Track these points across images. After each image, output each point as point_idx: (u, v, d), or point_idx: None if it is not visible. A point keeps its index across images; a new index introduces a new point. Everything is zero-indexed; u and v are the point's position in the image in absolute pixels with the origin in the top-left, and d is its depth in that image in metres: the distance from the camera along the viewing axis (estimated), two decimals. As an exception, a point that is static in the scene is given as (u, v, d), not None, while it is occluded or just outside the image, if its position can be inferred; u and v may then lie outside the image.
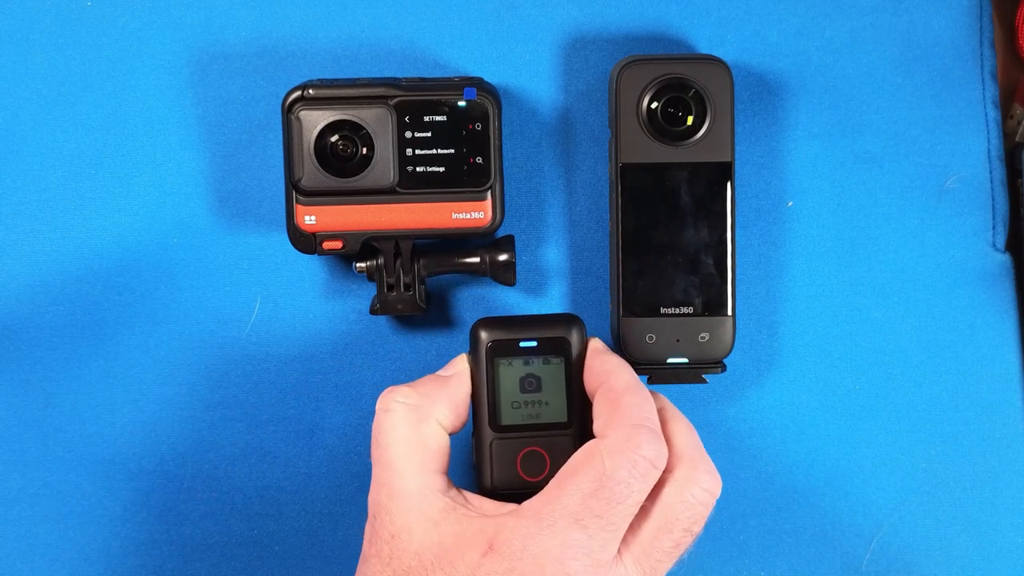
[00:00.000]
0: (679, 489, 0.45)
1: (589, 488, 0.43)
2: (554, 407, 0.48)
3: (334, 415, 0.56)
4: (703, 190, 0.53)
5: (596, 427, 0.46)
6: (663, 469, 0.44)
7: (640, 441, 0.43)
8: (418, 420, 0.46)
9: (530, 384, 0.48)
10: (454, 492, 0.46)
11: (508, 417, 0.48)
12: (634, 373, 0.48)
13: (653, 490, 0.44)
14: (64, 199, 0.55)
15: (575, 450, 0.45)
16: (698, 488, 0.45)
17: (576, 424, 0.48)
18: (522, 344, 0.48)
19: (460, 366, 0.49)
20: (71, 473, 0.56)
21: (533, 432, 0.48)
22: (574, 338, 0.48)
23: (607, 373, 0.47)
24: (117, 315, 0.55)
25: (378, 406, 0.47)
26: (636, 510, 0.44)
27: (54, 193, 0.55)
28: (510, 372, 0.48)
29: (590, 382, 0.48)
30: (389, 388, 0.47)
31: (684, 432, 0.46)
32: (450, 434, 0.48)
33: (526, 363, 0.48)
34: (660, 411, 0.47)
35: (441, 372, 0.49)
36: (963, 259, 0.56)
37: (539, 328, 0.48)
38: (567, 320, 0.49)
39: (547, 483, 0.44)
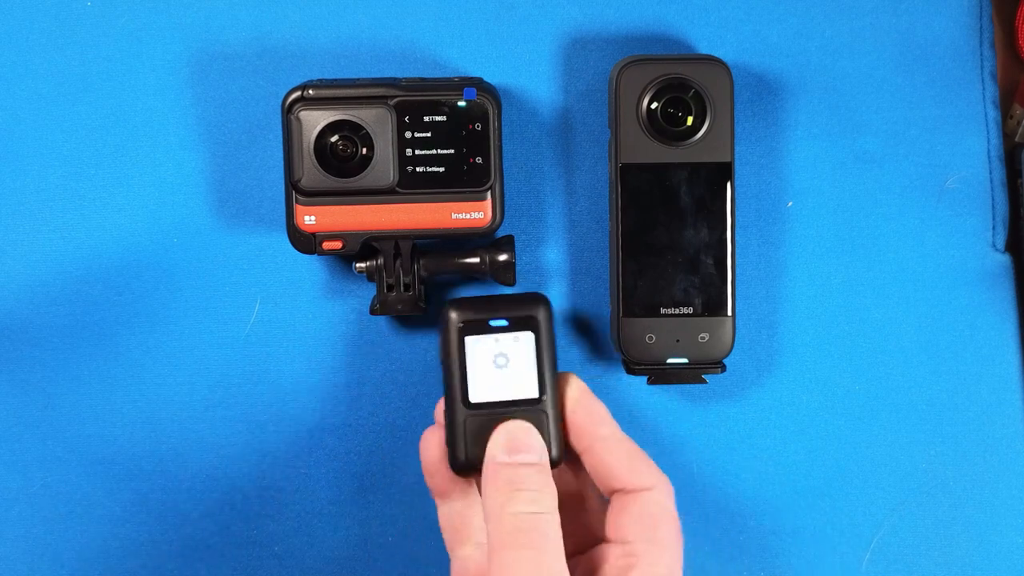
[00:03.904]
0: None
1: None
2: (525, 383, 0.48)
3: (334, 415, 0.56)
4: (703, 190, 0.53)
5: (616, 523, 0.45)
6: None
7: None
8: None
9: (501, 361, 0.49)
10: None
11: (480, 394, 0.48)
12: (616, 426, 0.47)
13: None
14: (64, 199, 0.55)
15: (547, 423, 0.46)
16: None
17: (545, 400, 0.48)
18: (492, 323, 0.48)
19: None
20: (71, 473, 0.56)
21: (505, 408, 0.48)
22: (542, 315, 0.49)
23: (617, 462, 0.46)
24: (117, 315, 0.55)
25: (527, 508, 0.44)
26: None
27: (54, 193, 0.55)
28: (481, 350, 0.48)
29: (578, 435, 0.47)
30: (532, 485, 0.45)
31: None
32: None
33: (496, 341, 0.49)
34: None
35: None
36: (963, 259, 0.56)
37: (508, 307, 0.49)
38: (534, 299, 0.49)
39: None
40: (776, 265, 0.56)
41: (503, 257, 0.53)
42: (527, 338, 0.48)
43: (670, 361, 0.53)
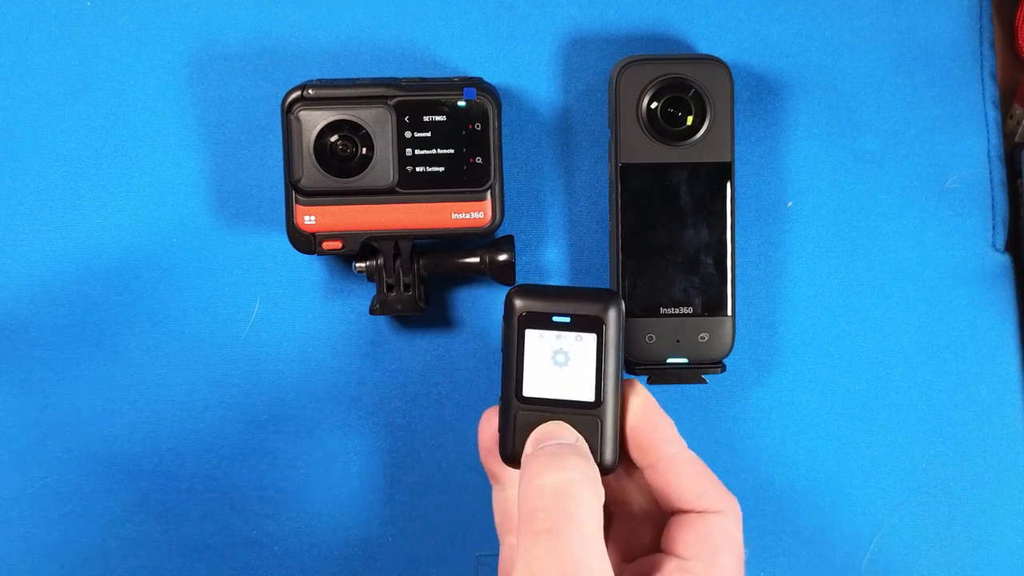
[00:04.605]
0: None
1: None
2: (582, 385, 0.46)
3: (334, 415, 0.56)
4: (703, 190, 0.53)
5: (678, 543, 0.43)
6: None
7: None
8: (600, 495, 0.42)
9: (560, 359, 0.46)
10: None
11: (534, 389, 0.46)
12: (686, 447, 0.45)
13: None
14: (64, 199, 0.55)
15: (600, 429, 0.44)
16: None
17: (603, 405, 0.46)
18: (555, 319, 0.46)
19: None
20: (70, 473, 0.56)
21: (558, 408, 0.46)
22: (610, 317, 0.46)
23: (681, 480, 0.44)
24: (117, 315, 0.55)
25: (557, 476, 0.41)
26: None
27: (54, 193, 0.55)
28: (540, 344, 0.46)
29: (641, 450, 0.45)
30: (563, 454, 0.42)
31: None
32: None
33: (557, 337, 0.46)
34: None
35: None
36: (963, 259, 0.56)
37: (575, 302, 0.46)
38: (605, 298, 0.46)
39: None
40: (776, 265, 0.56)
41: (503, 257, 0.53)
42: (589, 339, 0.46)
43: (670, 361, 0.53)
